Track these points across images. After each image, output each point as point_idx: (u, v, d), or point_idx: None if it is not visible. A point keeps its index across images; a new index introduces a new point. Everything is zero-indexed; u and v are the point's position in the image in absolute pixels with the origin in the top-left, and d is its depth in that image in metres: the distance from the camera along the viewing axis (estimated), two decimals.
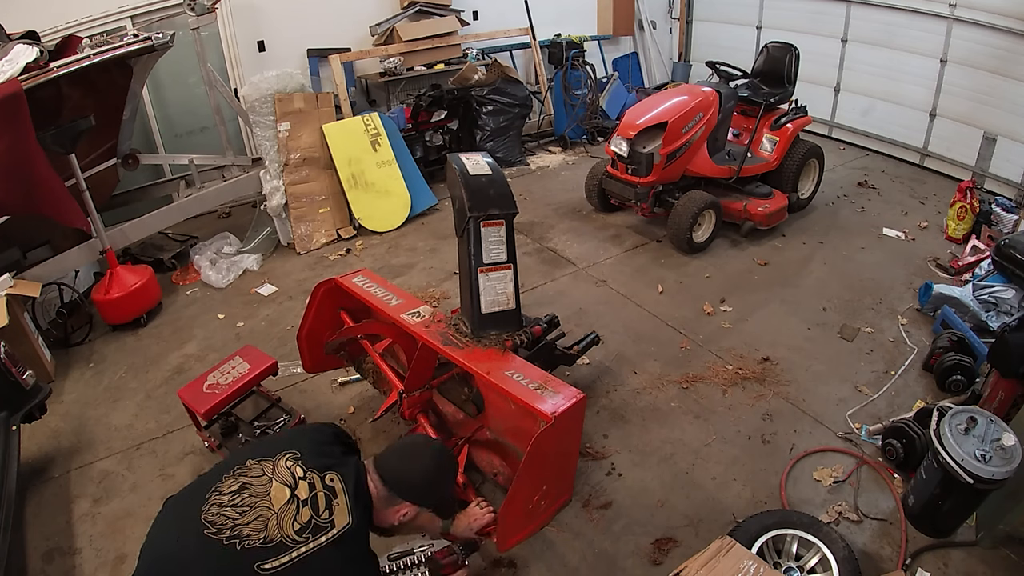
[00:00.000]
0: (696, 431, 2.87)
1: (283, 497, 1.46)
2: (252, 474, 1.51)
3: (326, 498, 1.50)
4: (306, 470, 1.53)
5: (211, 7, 4.16)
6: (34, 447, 2.97)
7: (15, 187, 3.19)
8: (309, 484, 1.50)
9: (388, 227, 4.96)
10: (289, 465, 1.53)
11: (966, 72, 5.06)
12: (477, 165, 2.43)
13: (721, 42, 7.06)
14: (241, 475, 1.51)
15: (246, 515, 1.43)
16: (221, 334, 3.81)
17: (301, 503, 1.47)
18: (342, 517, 1.49)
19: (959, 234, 4.37)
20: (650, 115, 4.25)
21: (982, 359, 2.94)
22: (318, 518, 1.46)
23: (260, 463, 1.54)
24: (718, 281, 4.04)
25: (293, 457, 1.55)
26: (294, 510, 1.45)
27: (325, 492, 1.51)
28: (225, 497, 1.47)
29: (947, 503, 2.18)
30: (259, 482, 1.49)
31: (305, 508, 1.46)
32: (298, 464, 1.54)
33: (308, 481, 1.51)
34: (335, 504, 1.50)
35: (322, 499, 1.49)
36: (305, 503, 1.47)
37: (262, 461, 1.54)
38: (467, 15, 6.19)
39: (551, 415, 1.94)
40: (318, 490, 1.50)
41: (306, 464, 1.54)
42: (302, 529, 1.43)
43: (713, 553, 1.89)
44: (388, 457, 1.69)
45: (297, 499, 1.47)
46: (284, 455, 1.56)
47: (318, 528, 1.45)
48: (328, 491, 1.51)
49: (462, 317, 2.47)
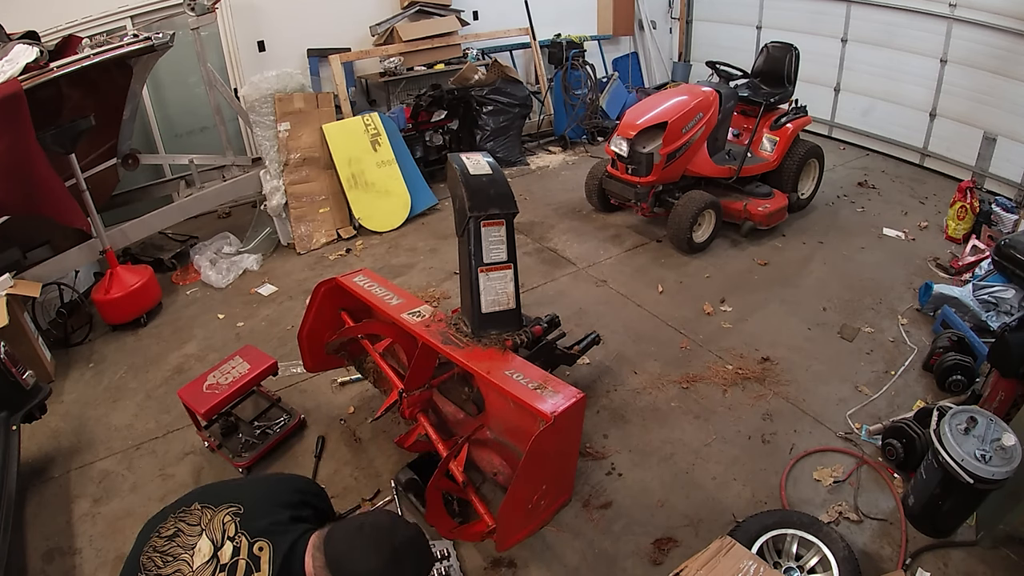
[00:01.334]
0: (696, 431, 2.87)
1: (204, 555, 1.35)
2: (190, 520, 1.42)
3: (247, 567, 1.34)
4: (238, 530, 1.39)
5: (211, 7, 4.16)
6: (34, 447, 2.97)
7: (15, 187, 3.19)
8: (235, 548, 1.37)
9: (388, 227, 4.96)
10: (225, 520, 1.41)
11: (966, 72, 5.06)
12: (477, 165, 2.43)
13: (721, 42, 7.07)
14: (181, 519, 1.42)
15: (169, 565, 1.35)
16: (221, 334, 3.81)
17: (219, 567, 1.34)
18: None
19: (959, 234, 4.37)
20: (650, 115, 4.25)
21: (982, 359, 2.94)
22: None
23: (203, 509, 1.43)
24: (718, 281, 4.04)
25: (234, 512, 1.42)
26: (209, 573, 1.33)
27: (247, 560, 1.35)
28: (160, 541, 1.39)
29: (947, 503, 2.18)
30: (191, 531, 1.40)
31: (221, 574, 1.33)
32: (234, 522, 1.40)
33: (235, 544, 1.37)
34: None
35: (241, 568, 1.34)
36: (223, 568, 1.34)
37: (205, 508, 1.44)
38: (467, 15, 6.19)
39: (551, 415, 1.93)
40: (241, 556, 1.36)
41: (242, 524, 1.40)
42: None
43: (713, 553, 1.89)
44: (336, 536, 1.37)
45: (217, 561, 1.35)
46: (227, 508, 1.43)
47: None
48: (251, 560, 1.35)
49: (462, 317, 2.47)
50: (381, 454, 2.81)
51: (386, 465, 2.74)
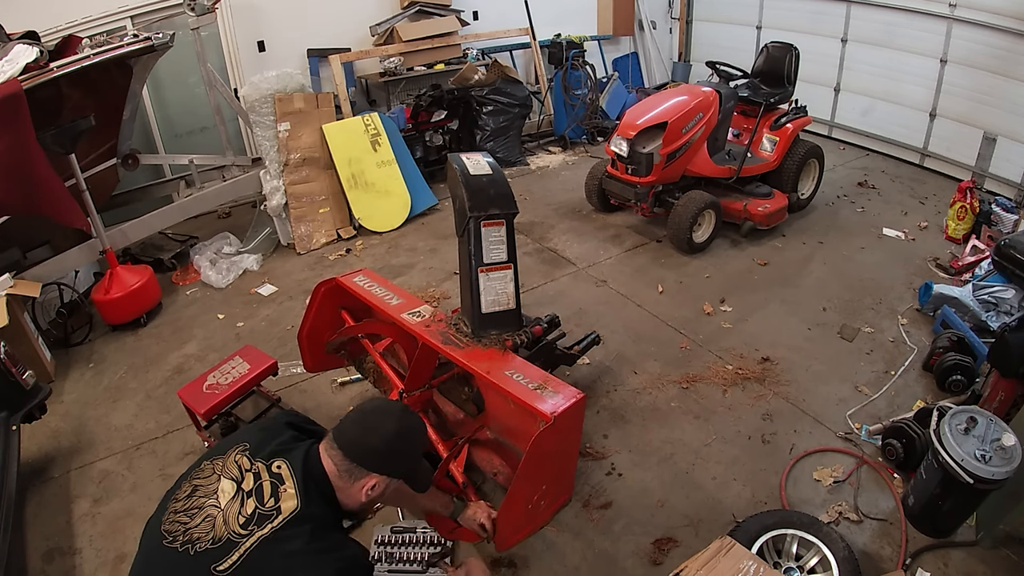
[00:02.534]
0: (696, 431, 2.87)
1: (229, 492, 1.40)
2: (204, 475, 1.46)
3: (272, 486, 1.41)
4: (252, 461, 1.46)
5: (211, 7, 4.16)
6: (34, 447, 2.97)
7: (15, 187, 3.19)
8: (254, 474, 1.43)
9: (388, 227, 4.96)
10: (237, 459, 1.47)
11: (966, 72, 5.06)
12: (477, 165, 2.43)
13: (721, 42, 7.06)
14: (195, 478, 1.47)
15: (195, 517, 1.38)
16: (221, 334, 3.81)
17: (246, 495, 1.40)
18: (289, 502, 1.39)
19: (959, 234, 4.37)
20: (650, 115, 4.25)
21: (982, 359, 2.94)
22: (263, 507, 1.38)
23: (212, 462, 1.49)
24: (718, 281, 4.04)
25: (242, 450, 1.49)
26: (239, 503, 1.38)
27: (271, 480, 1.42)
28: (179, 503, 1.42)
29: (947, 503, 2.18)
30: (208, 482, 1.44)
31: (250, 499, 1.39)
32: (245, 456, 1.47)
33: (253, 471, 1.44)
34: (281, 490, 1.41)
35: (267, 488, 1.41)
36: (250, 494, 1.40)
37: (214, 460, 1.49)
38: (467, 15, 6.19)
39: (551, 415, 1.94)
40: (263, 479, 1.42)
41: (253, 455, 1.47)
42: (247, 521, 1.36)
43: (713, 553, 1.89)
44: (345, 426, 1.52)
45: (242, 491, 1.40)
46: (234, 449, 1.49)
47: (263, 518, 1.36)
48: (274, 478, 1.42)
49: (462, 317, 2.47)
50: None
51: None
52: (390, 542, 2.36)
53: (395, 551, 2.33)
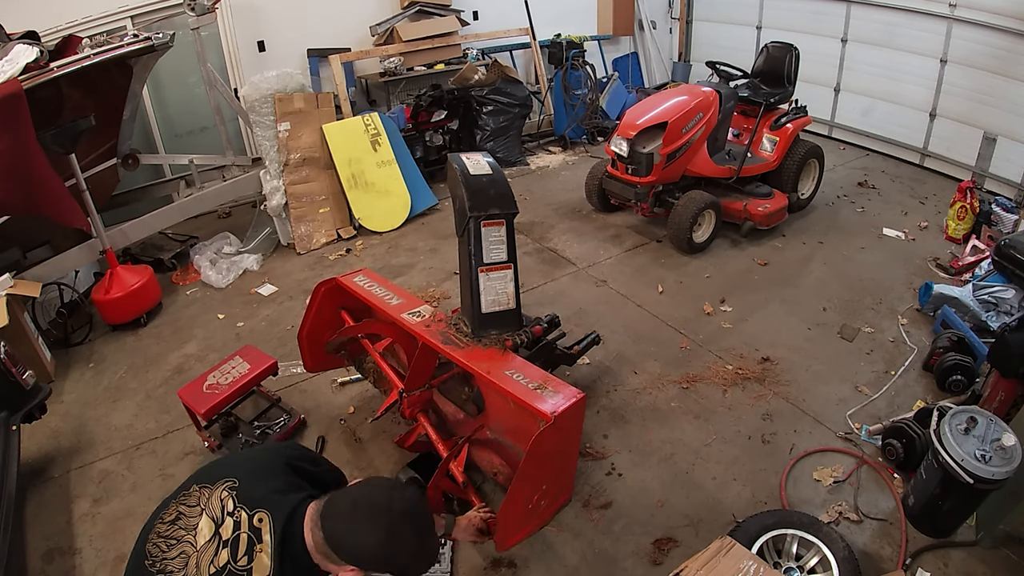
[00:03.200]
0: (696, 431, 2.87)
1: (207, 534, 1.35)
2: (190, 503, 1.41)
3: (248, 541, 1.33)
4: (236, 505, 1.37)
5: (211, 7, 4.16)
6: (34, 447, 2.97)
7: (15, 187, 3.19)
8: (235, 522, 1.35)
9: (388, 227, 4.96)
10: (223, 496, 1.39)
11: (966, 72, 5.07)
12: (477, 165, 2.42)
13: (721, 42, 7.06)
14: (182, 502, 1.41)
15: (173, 549, 1.34)
16: (221, 334, 3.80)
17: (222, 543, 1.33)
18: (261, 567, 1.31)
19: (959, 234, 4.37)
20: (650, 115, 4.25)
21: (982, 359, 2.94)
22: (234, 564, 1.31)
23: (200, 490, 1.42)
24: (718, 281, 4.04)
25: (230, 487, 1.40)
26: (213, 551, 1.32)
27: (249, 534, 1.33)
28: (163, 526, 1.38)
29: (947, 503, 2.18)
30: (192, 513, 1.39)
31: (224, 551, 1.32)
32: (231, 496, 1.39)
33: (235, 519, 1.36)
34: (256, 550, 1.32)
35: (244, 542, 1.33)
36: (226, 544, 1.33)
37: (203, 488, 1.42)
38: (467, 15, 6.19)
39: (551, 415, 1.93)
40: (242, 530, 1.34)
41: (238, 498, 1.38)
42: (217, 573, 1.30)
43: (713, 553, 1.89)
44: (335, 511, 1.35)
45: (219, 538, 1.34)
46: (223, 484, 1.41)
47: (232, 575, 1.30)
48: (253, 533, 1.33)
49: (462, 317, 2.46)
50: (381, 454, 2.81)
51: (386, 465, 2.74)
52: None
53: None
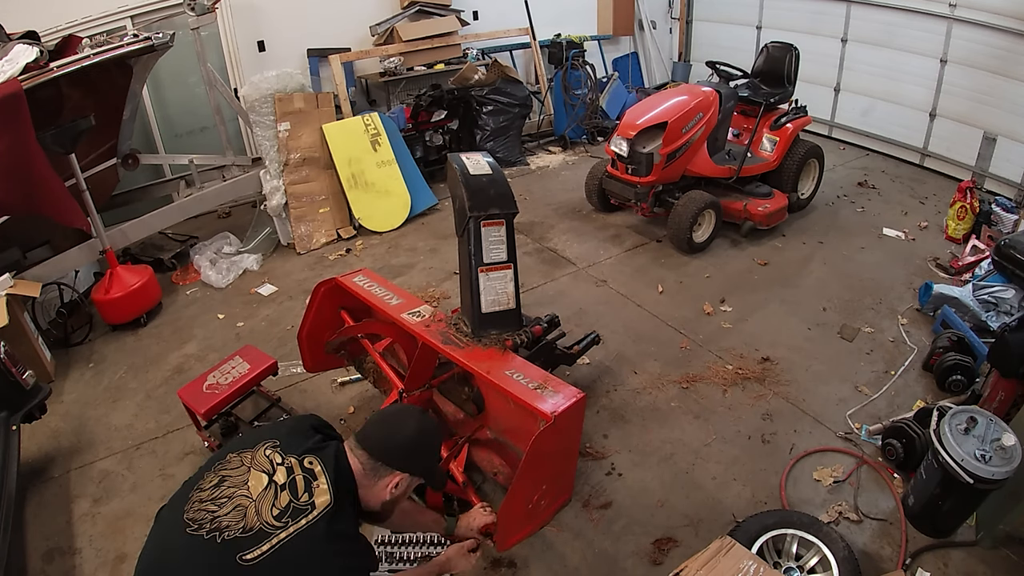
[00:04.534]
0: (696, 431, 2.87)
1: (261, 484, 1.44)
2: (231, 467, 1.49)
3: (305, 481, 1.46)
4: (284, 456, 1.51)
5: (211, 7, 4.16)
6: (34, 447, 2.97)
7: (15, 187, 3.19)
8: (287, 468, 1.48)
9: (388, 227, 4.96)
10: (268, 453, 1.51)
11: (966, 72, 5.06)
12: (477, 165, 2.43)
13: (721, 42, 7.06)
14: (221, 469, 1.50)
15: (224, 506, 1.41)
16: (221, 334, 3.80)
17: (279, 488, 1.44)
18: (323, 497, 1.45)
19: (959, 234, 4.37)
20: (650, 115, 4.25)
21: (982, 359, 2.94)
22: (297, 501, 1.43)
23: (239, 455, 1.52)
24: (718, 281, 4.04)
25: (272, 446, 1.53)
26: (272, 496, 1.42)
27: (304, 475, 1.47)
28: (205, 492, 1.44)
29: (947, 503, 2.18)
30: (237, 472, 1.47)
31: (283, 492, 1.43)
32: (276, 451, 1.52)
33: (286, 466, 1.48)
34: (315, 486, 1.46)
35: (301, 482, 1.46)
36: (283, 487, 1.44)
37: (241, 453, 1.52)
38: (467, 15, 6.19)
39: (551, 414, 1.94)
40: (296, 473, 1.47)
41: (285, 451, 1.52)
42: (281, 514, 1.40)
43: (713, 553, 1.89)
44: (370, 428, 1.64)
45: (275, 484, 1.44)
46: (263, 444, 1.54)
47: (297, 511, 1.41)
48: (307, 473, 1.48)
49: (462, 317, 2.47)
50: None
51: None
52: (390, 542, 2.36)
53: (395, 551, 2.34)
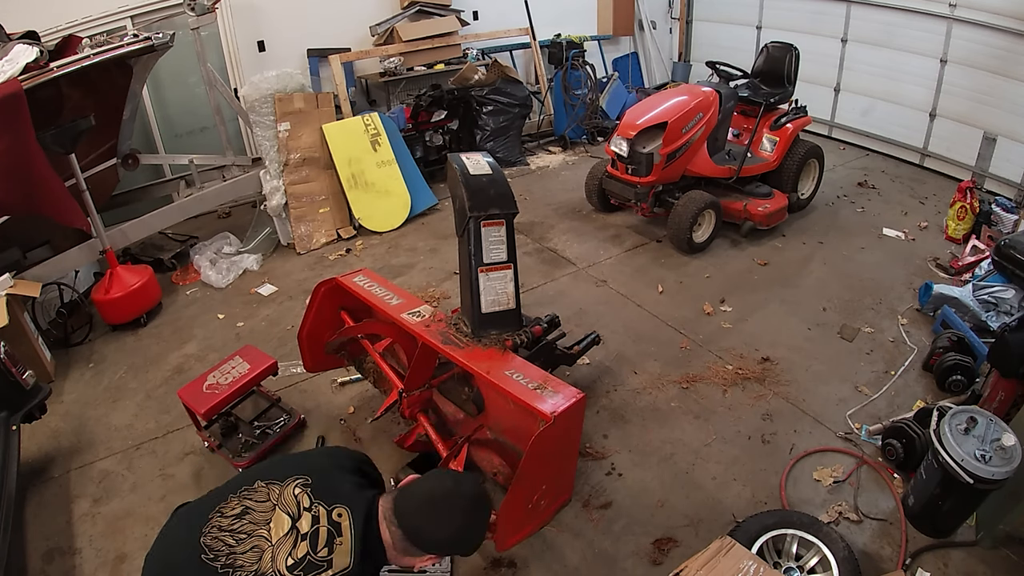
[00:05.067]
0: (696, 431, 2.87)
1: (282, 529, 1.37)
2: (257, 498, 1.42)
3: (328, 534, 1.37)
4: (313, 501, 1.42)
5: (211, 7, 4.16)
6: (34, 447, 2.97)
7: (15, 187, 3.19)
8: (313, 516, 1.39)
9: (388, 227, 4.96)
10: (296, 493, 1.43)
11: (966, 72, 5.06)
12: (477, 165, 2.42)
13: (721, 42, 7.06)
14: (247, 497, 1.43)
15: (243, 543, 1.35)
16: (221, 334, 3.80)
17: (300, 537, 1.36)
18: (342, 559, 1.35)
19: (959, 234, 4.37)
20: (650, 115, 4.25)
21: (982, 359, 2.94)
22: (315, 555, 1.34)
23: (268, 486, 1.44)
24: (718, 281, 4.04)
25: (303, 484, 1.45)
26: (291, 544, 1.35)
27: (328, 527, 1.38)
28: (226, 520, 1.39)
29: (947, 503, 2.18)
30: (262, 508, 1.40)
31: (303, 543, 1.35)
32: (306, 493, 1.43)
33: (313, 513, 1.40)
34: (336, 543, 1.37)
35: (323, 535, 1.37)
36: (304, 537, 1.36)
37: (271, 484, 1.45)
38: (467, 15, 6.19)
39: (551, 415, 1.93)
40: (321, 524, 1.38)
41: (315, 494, 1.43)
42: (295, 565, 1.32)
43: (713, 553, 1.89)
44: (410, 508, 1.44)
45: (297, 531, 1.37)
46: (294, 481, 1.45)
47: (312, 567, 1.33)
48: (332, 527, 1.38)
49: (462, 317, 2.46)
50: (381, 454, 2.80)
51: (386, 465, 2.74)
52: None
53: None
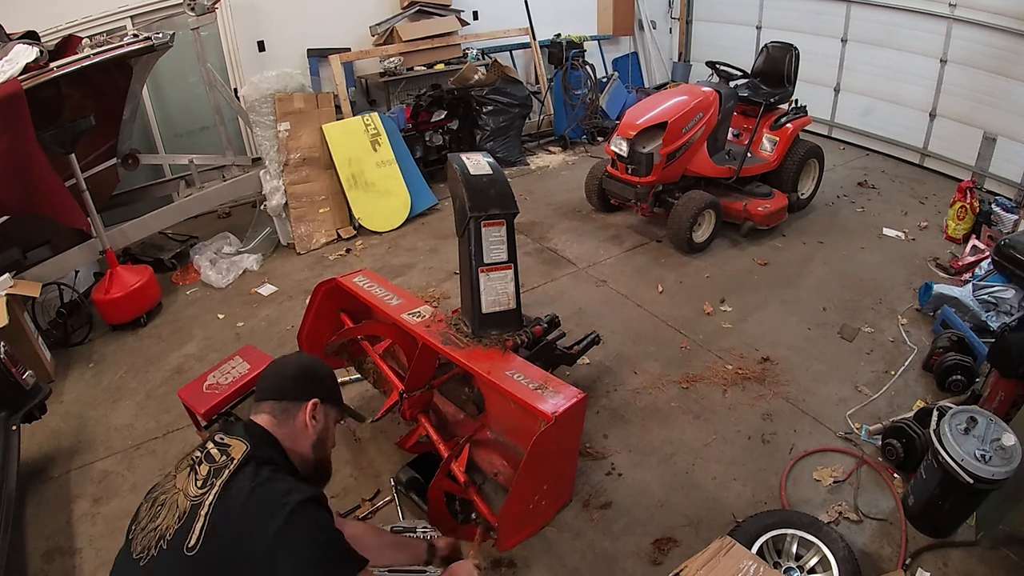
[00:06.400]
0: (696, 431, 2.87)
1: (184, 476, 1.41)
2: (160, 489, 1.45)
3: (219, 448, 1.43)
4: (203, 448, 1.48)
5: (211, 7, 4.16)
6: (34, 447, 2.97)
7: (15, 187, 3.19)
8: (203, 452, 1.45)
9: (388, 227, 4.96)
10: (189, 456, 1.49)
11: (966, 72, 5.06)
12: (478, 165, 2.43)
13: (721, 42, 7.06)
14: (151, 496, 1.45)
15: (159, 516, 1.36)
16: (221, 334, 3.80)
17: (198, 464, 1.41)
18: (238, 448, 1.41)
19: (959, 234, 4.37)
20: (650, 115, 4.25)
21: (982, 359, 2.94)
22: (215, 463, 1.39)
23: (164, 478, 1.49)
24: (718, 281, 4.04)
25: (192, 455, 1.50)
26: (192, 475, 1.39)
27: (218, 446, 1.44)
28: (143, 521, 1.40)
29: (947, 503, 2.18)
30: (167, 488, 1.43)
31: (201, 466, 1.40)
32: (195, 451, 1.49)
33: (204, 452, 1.45)
34: (229, 448, 1.42)
35: (215, 450, 1.43)
36: (200, 462, 1.41)
37: (166, 475, 1.49)
38: (467, 15, 6.19)
39: (551, 415, 1.94)
40: (209, 448, 1.45)
41: (201, 447, 1.49)
42: (204, 481, 1.36)
43: (713, 553, 1.89)
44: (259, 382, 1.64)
45: (194, 465, 1.42)
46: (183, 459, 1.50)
47: (219, 470, 1.37)
48: (220, 445, 1.45)
49: (463, 317, 2.47)
50: (381, 454, 2.81)
51: (386, 465, 2.74)
52: None
53: None
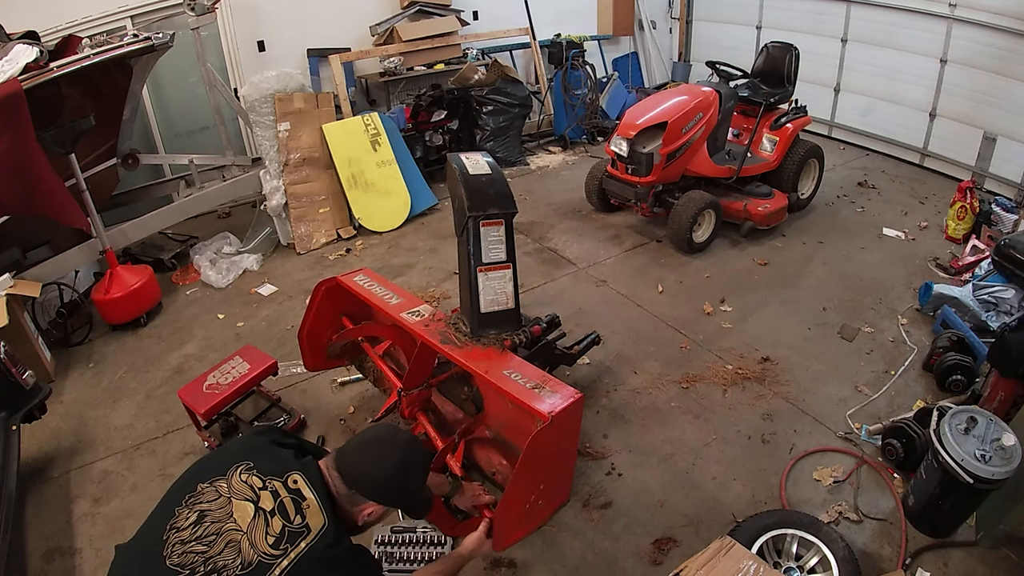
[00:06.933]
0: (696, 431, 2.87)
1: (248, 514, 1.36)
2: (207, 498, 1.39)
3: (294, 502, 1.39)
4: (264, 479, 1.42)
5: (211, 7, 4.16)
6: (34, 447, 2.97)
7: (15, 187, 3.19)
8: (272, 492, 1.40)
9: (388, 227, 4.96)
10: (244, 478, 1.42)
11: (966, 72, 5.06)
12: (477, 165, 2.43)
13: (721, 42, 7.06)
14: (195, 503, 1.39)
15: (215, 545, 1.32)
16: (221, 334, 3.81)
17: (269, 514, 1.36)
18: (317, 519, 1.38)
19: (959, 234, 4.37)
20: (650, 115, 4.24)
21: (982, 359, 2.94)
22: (291, 525, 1.36)
23: (212, 484, 1.42)
24: (718, 281, 4.04)
25: (246, 468, 1.44)
26: (263, 524, 1.35)
27: (292, 497, 1.40)
28: (185, 532, 1.34)
29: (947, 503, 2.18)
30: (217, 505, 1.38)
31: (275, 518, 1.36)
32: (253, 474, 1.43)
33: (270, 489, 1.40)
34: (304, 506, 1.39)
35: (290, 504, 1.38)
36: (273, 513, 1.37)
37: (214, 482, 1.42)
38: (467, 15, 6.19)
39: (548, 414, 1.93)
40: (283, 496, 1.39)
41: (262, 472, 1.43)
42: (277, 541, 1.33)
43: (713, 553, 1.89)
44: (348, 454, 1.53)
45: (263, 511, 1.37)
46: (236, 468, 1.44)
47: (294, 535, 1.34)
48: (294, 495, 1.40)
49: (462, 316, 2.47)
50: None
51: None
52: (390, 542, 2.36)
53: (395, 551, 2.34)
